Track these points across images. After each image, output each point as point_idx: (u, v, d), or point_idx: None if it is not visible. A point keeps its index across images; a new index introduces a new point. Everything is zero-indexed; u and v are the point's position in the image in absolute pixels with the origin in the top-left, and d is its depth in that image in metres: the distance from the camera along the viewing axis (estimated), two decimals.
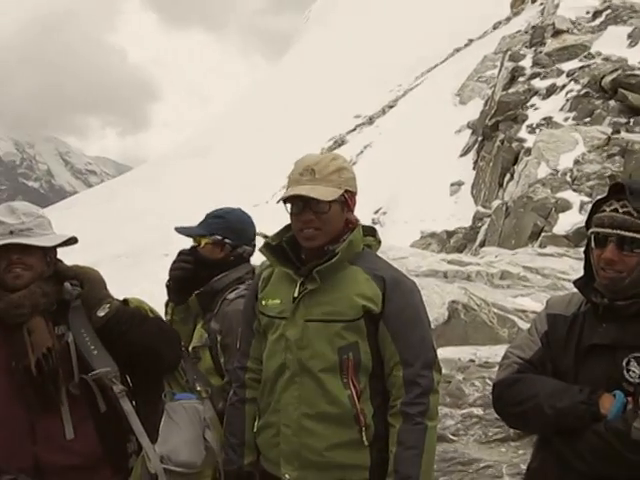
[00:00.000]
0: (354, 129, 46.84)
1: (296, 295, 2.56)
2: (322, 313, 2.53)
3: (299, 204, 2.51)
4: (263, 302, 2.67)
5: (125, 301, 2.85)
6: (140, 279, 26.50)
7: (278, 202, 2.58)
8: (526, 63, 24.41)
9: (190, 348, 3.17)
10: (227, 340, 3.05)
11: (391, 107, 46.37)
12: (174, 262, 3.29)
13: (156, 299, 3.16)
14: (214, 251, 3.24)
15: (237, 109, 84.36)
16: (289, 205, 2.56)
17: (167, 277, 3.32)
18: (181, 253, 3.30)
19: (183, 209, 42.45)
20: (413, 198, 29.30)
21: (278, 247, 2.65)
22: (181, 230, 3.33)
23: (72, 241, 2.76)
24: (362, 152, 37.94)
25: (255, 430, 2.70)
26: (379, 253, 2.71)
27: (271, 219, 3.36)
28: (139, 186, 57.59)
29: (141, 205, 49.30)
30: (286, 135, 53.81)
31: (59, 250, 2.78)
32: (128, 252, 37.34)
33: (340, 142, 45.15)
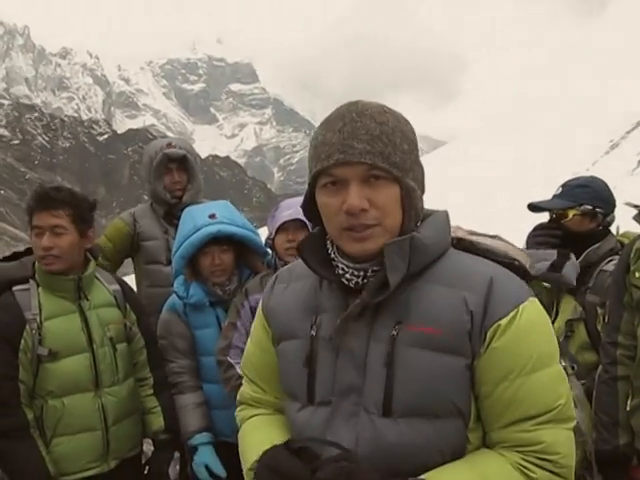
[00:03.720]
0: None
1: None
2: None
3: None
4: (637, 274, 2.51)
5: None
6: None
7: None
8: None
9: (564, 322, 2.99)
10: None
11: None
12: (535, 236, 3.07)
13: None
14: (583, 222, 3.03)
15: (546, 76, 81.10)
16: None
17: None
18: (541, 227, 3.09)
19: (495, 184, 42.64)
20: None
21: None
22: (540, 204, 3.08)
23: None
24: None
25: (628, 409, 2.53)
26: None
27: None
28: (451, 161, 58.42)
29: (453, 180, 50.17)
30: (601, 102, 50.87)
31: None
32: None
33: None
